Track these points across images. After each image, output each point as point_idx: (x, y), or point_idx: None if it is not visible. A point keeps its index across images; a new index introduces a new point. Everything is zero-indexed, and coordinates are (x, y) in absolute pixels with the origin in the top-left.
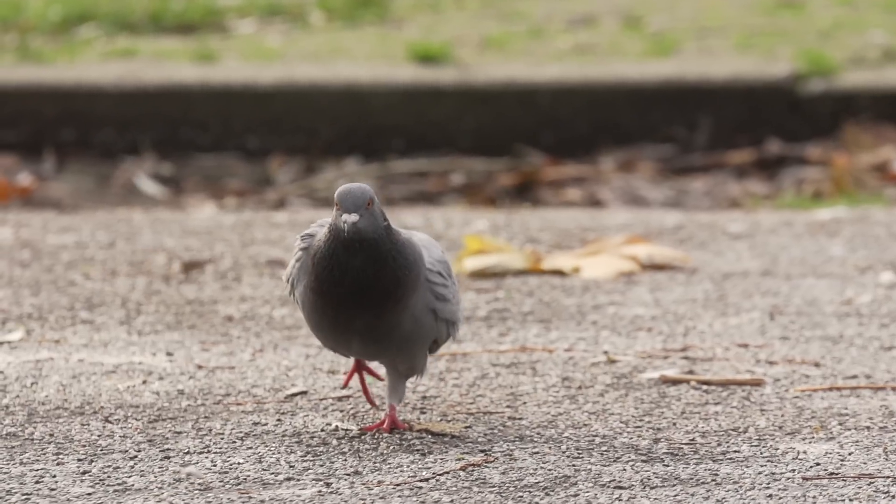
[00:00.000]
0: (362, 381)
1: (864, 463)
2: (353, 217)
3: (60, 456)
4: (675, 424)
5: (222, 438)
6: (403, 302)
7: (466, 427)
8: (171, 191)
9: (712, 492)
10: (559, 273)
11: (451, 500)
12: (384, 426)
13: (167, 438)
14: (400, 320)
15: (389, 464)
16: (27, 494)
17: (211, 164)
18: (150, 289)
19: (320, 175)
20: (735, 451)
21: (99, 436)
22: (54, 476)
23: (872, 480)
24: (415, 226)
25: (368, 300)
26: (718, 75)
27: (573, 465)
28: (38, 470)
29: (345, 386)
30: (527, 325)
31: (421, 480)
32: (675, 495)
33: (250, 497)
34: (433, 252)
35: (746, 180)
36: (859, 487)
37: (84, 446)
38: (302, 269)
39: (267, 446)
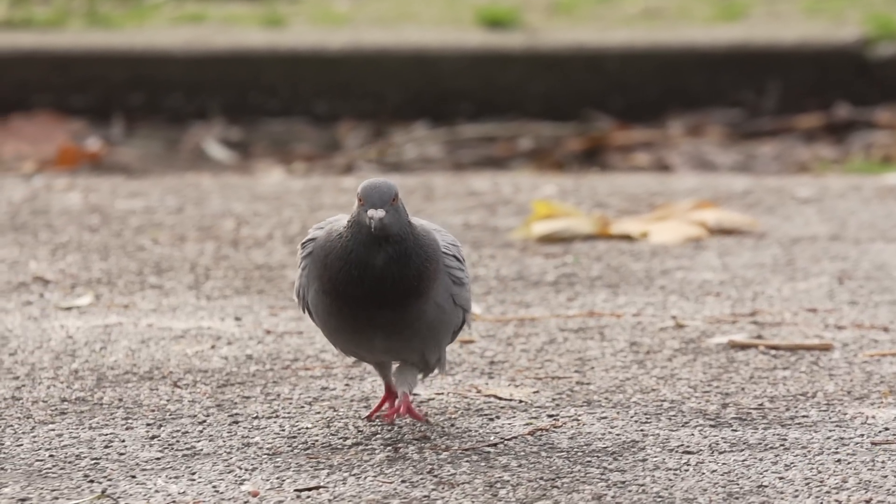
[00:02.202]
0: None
1: None
2: (380, 213)
3: (129, 420)
4: (743, 389)
5: (290, 403)
6: (426, 294)
7: (534, 392)
8: (240, 156)
9: (780, 456)
10: (627, 238)
11: (520, 465)
12: (400, 411)
13: (235, 403)
14: (424, 310)
15: (457, 429)
16: (96, 459)
17: (279, 128)
18: (218, 253)
19: (388, 139)
20: (803, 416)
21: (168, 400)
22: (123, 441)
23: None
24: (483, 191)
25: (391, 298)
26: (787, 39)
27: (641, 430)
28: (107, 434)
29: (369, 419)
30: (595, 290)
31: (489, 445)
32: (744, 460)
33: (318, 462)
34: (445, 236)
35: (815, 144)
36: None
37: (153, 411)
38: (310, 276)
39: (335, 411)
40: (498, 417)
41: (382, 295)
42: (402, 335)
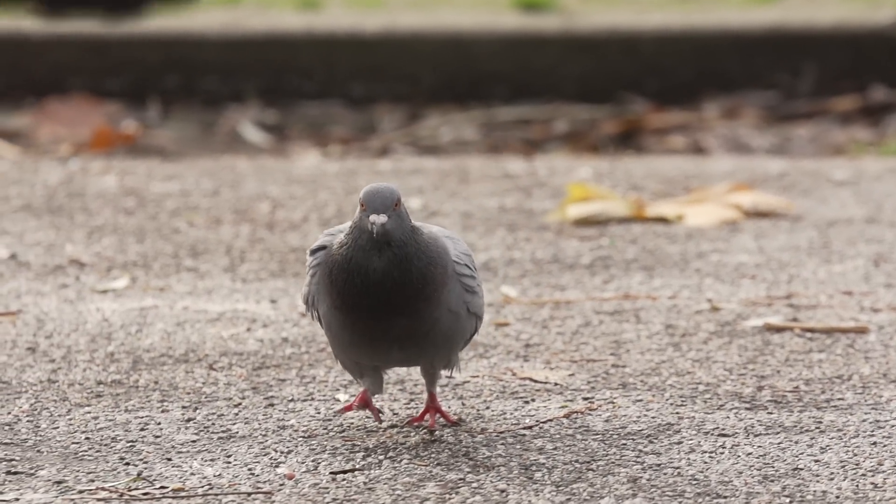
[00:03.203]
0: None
1: None
2: (382, 218)
3: (165, 403)
4: (778, 372)
5: (326, 386)
6: (435, 299)
7: (570, 375)
8: (276, 138)
9: (816, 439)
10: (663, 220)
11: (555, 448)
12: (428, 419)
13: (271, 386)
14: (437, 317)
15: (493, 411)
16: (132, 441)
17: (315, 111)
18: (254, 236)
19: (424, 122)
20: (839, 399)
21: (203, 383)
22: (159, 423)
23: None
24: (518, 173)
25: (398, 304)
26: (822, 22)
27: (676, 413)
28: (142, 417)
29: (356, 410)
30: (630, 273)
31: (524, 428)
32: (779, 443)
33: (354, 444)
34: (458, 245)
35: (850, 127)
36: None
37: (188, 393)
38: (320, 287)
39: None
40: (533, 400)
41: (388, 300)
42: (418, 344)
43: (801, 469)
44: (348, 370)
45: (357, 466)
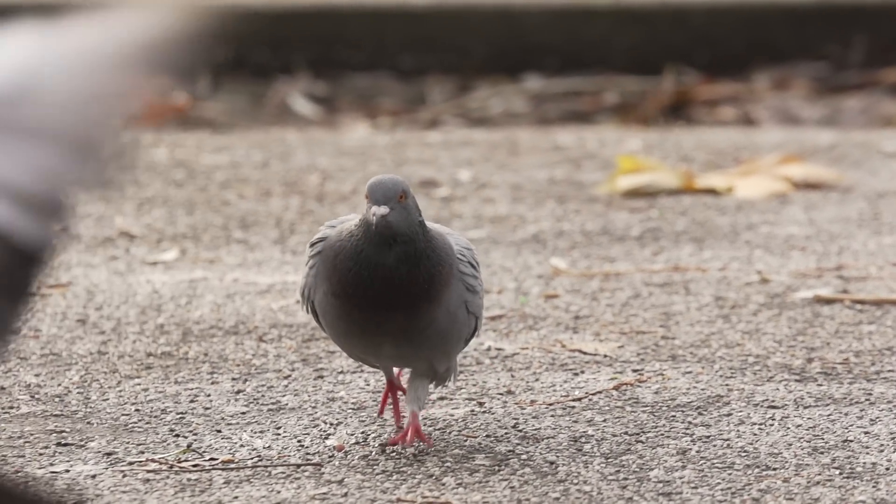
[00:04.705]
0: (395, 402)
1: None
2: (383, 209)
3: (215, 375)
4: (828, 344)
5: None
6: (437, 299)
7: (619, 347)
8: (325, 110)
9: (866, 411)
10: (712, 192)
11: (604, 420)
12: (407, 438)
13: (320, 358)
14: (434, 317)
15: (542, 383)
16: (182, 413)
17: (364, 83)
18: (303, 208)
19: (473, 94)
20: (889, 371)
21: (253, 355)
22: (209, 395)
23: None
24: (568, 145)
25: (400, 301)
26: None
27: (726, 385)
28: (192, 389)
29: (380, 415)
30: (680, 245)
31: (573, 400)
32: (829, 415)
33: (403, 416)
34: (459, 240)
35: None
36: None
37: (238, 365)
38: (318, 277)
39: None
40: (582, 372)
41: (391, 297)
42: (412, 342)
43: (851, 441)
44: (348, 357)
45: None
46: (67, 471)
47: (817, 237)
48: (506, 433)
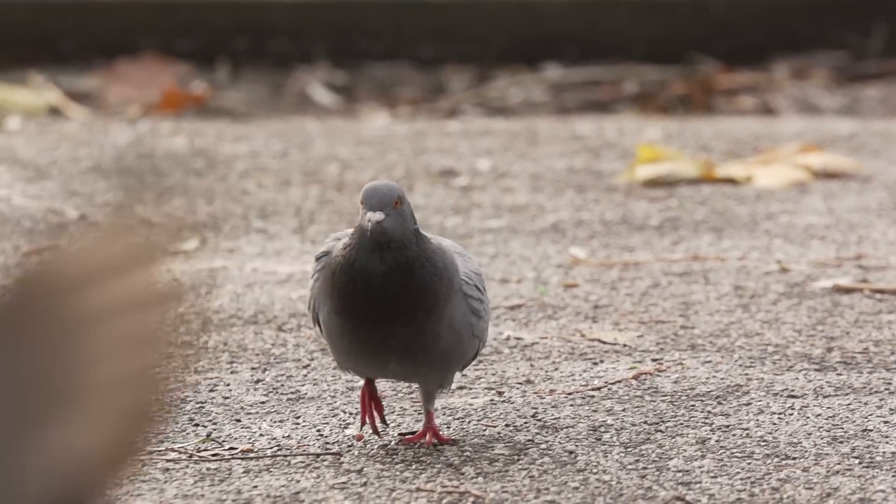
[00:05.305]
0: (369, 406)
1: None
2: (378, 215)
3: (234, 364)
4: (848, 333)
5: None
6: (437, 312)
7: (638, 336)
8: (344, 99)
9: (886, 401)
10: (732, 182)
11: (624, 409)
12: (426, 438)
13: None
14: (438, 333)
15: (561, 372)
16: (201, 403)
17: (384, 72)
18: (323, 197)
19: (493, 84)
20: None
21: (272, 344)
22: (228, 384)
23: None
24: (587, 135)
25: (397, 312)
26: None
27: (745, 374)
28: (212, 378)
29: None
30: (699, 234)
31: (593, 389)
32: (848, 404)
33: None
34: (469, 264)
35: None
36: None
37: (257, 355)
38: (322, 291)
39: None
40: (602, 361)
41: (388, 308)
42: (416, 360)
43: (871, 430)
44: (346, 373)
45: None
46: None
47: (837, 226)
48: (525, 422)
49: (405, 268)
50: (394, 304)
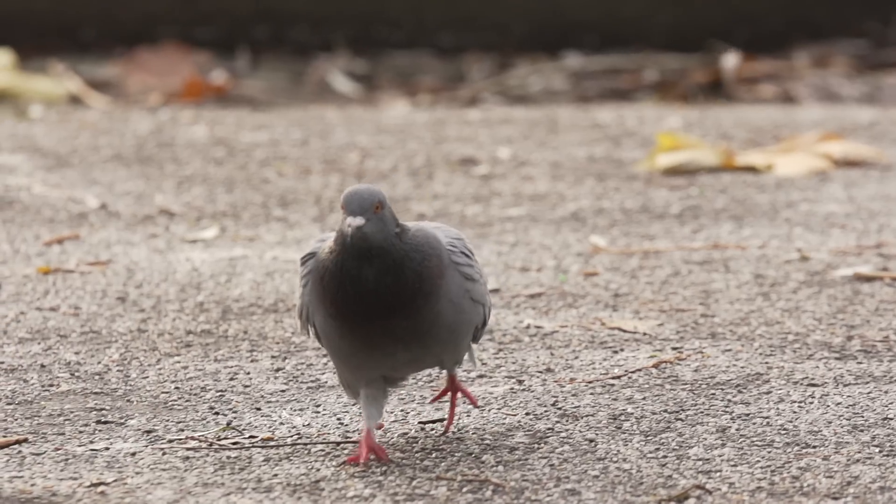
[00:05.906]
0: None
1: None
2: (358, 220)
3: (254, 353)
4: (868, 322)
5: None
6: (435, 293)
7: (659, 324)
8: (365, 88)
9: None
10: (752, 170)
11: (644, 398)
12: (449, 395)
13: None
14: (438, 311)
15: (581, 361)
16: (221, 391)
17: (404, 61)
18: (343, 186)
19: (513, 72)
20: None
21: (292, 333)
22: (248, 373)
23: None
24: (607, 123)
25: (396, 306)
26: None
27: (765, 363)
28: (232, 367)
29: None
30: (719, 222)
31: (613, 378)
32: (869, 392)
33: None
34: (448, 231)
35: None
36: None
37: (277, 343)
38: (313, 296)
39: None
40: (622, 350)
41: (386, 305)
42: (423, 342)
43: (891, 419)
44: (348, 389)
45: (445, 416)
46: (107, 448)
47: (857, 215)
48: (545, 411)
49: (393, 270)
50: (391, 301)
